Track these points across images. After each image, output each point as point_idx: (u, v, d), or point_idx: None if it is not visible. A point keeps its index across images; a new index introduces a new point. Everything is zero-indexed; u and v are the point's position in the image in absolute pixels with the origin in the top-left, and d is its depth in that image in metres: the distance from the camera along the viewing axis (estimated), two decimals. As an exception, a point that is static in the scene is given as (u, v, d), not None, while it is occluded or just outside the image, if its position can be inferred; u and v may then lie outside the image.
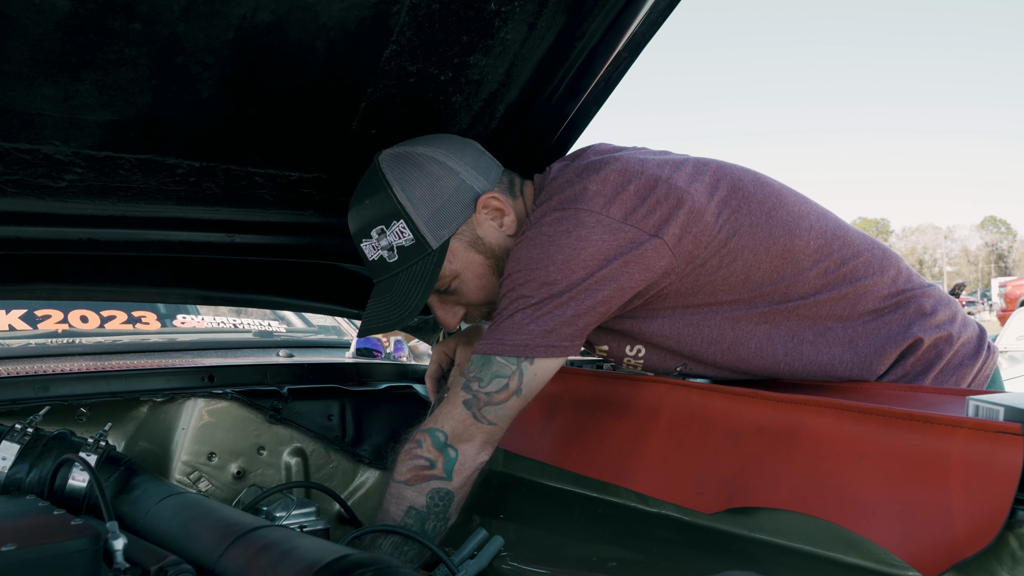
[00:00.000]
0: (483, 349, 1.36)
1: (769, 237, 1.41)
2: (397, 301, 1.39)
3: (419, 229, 1.38)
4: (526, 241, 1.36)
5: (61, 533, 0.88)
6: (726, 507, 1.30)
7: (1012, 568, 1.00)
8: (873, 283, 1.46)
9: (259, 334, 2.67)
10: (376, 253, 1.41)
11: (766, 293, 1.43)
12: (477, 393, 1.35)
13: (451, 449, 1.36)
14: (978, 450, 1.02)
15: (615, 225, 1.34)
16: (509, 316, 1.34)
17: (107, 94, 1.32)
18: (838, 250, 1.46)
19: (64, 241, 1.53)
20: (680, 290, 1.41)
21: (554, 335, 1.33)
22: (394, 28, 1.38)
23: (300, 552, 0.87)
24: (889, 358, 1.45)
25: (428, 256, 1.39)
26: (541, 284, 1.32)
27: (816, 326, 1.46)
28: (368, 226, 1.40)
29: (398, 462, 1.38)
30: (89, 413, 1.62)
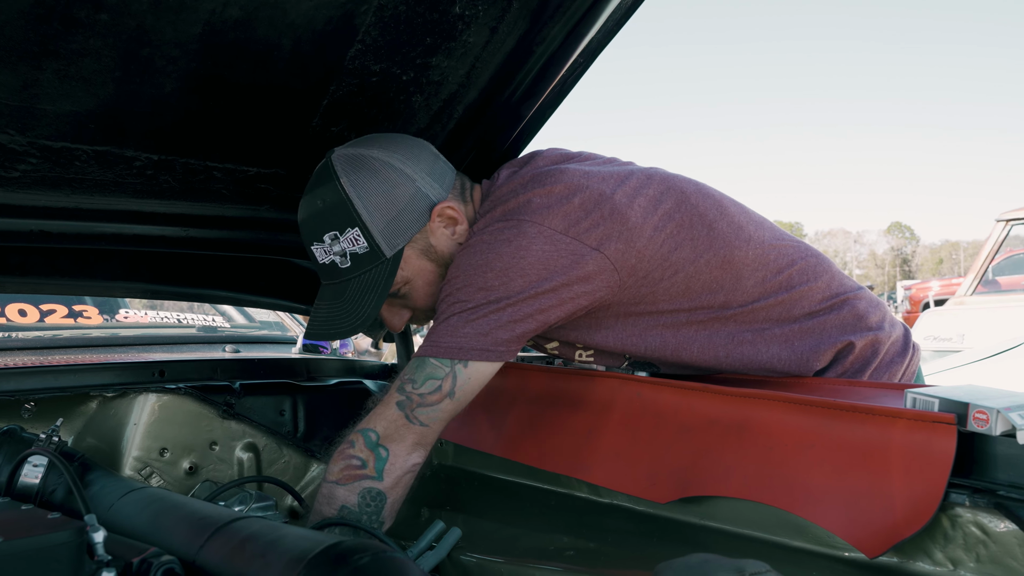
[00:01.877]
0: (419, 352, 1.38)
1: (710, 249, 1.46)
2: (349, 309, 1.39)
3: (374, 238, 1.38)
4: (468, 249, 1.38)
5: (42, 527, 0.88)
6: (679, 497, 1.36)
7: (944, 547, 1.08)
8: (808, 289, 1.54)
9: (203, 329, 2.62)
10: (328, 257, 1.40)
11: (706, 302, 1.49)
12: (411, 394, 1.36)
13: (382, 449, 1.36)
14: (916, 439, 1.10)
15: (556, 237, 1.36)
16: (445, 320, 1.36)
17: (68, 84, 1.30)
18: (774, 260, 1.53)
19: (14, 232, 1.50)
20: (622, 300, 1.45)
21: (488, 338, 1.35)
22: (360, 28, 1.40)
23: (289, 541, 0.88)
24: (825, 357, 1.53)
25: (381, 264, 1.39)
26: (478, 289, 1.34)
27: (754, 327, 1.53)
28: (320, 230, 1.39)
29: (331, 462, 1.39)
30: (35, 408, 1.59)
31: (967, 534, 1.06)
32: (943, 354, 5.76)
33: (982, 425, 1.06)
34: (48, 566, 0.84)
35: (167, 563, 0.90)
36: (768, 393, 1.33)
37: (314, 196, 1.40)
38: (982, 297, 6.59)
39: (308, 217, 1.41)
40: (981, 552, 1.05)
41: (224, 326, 2.76)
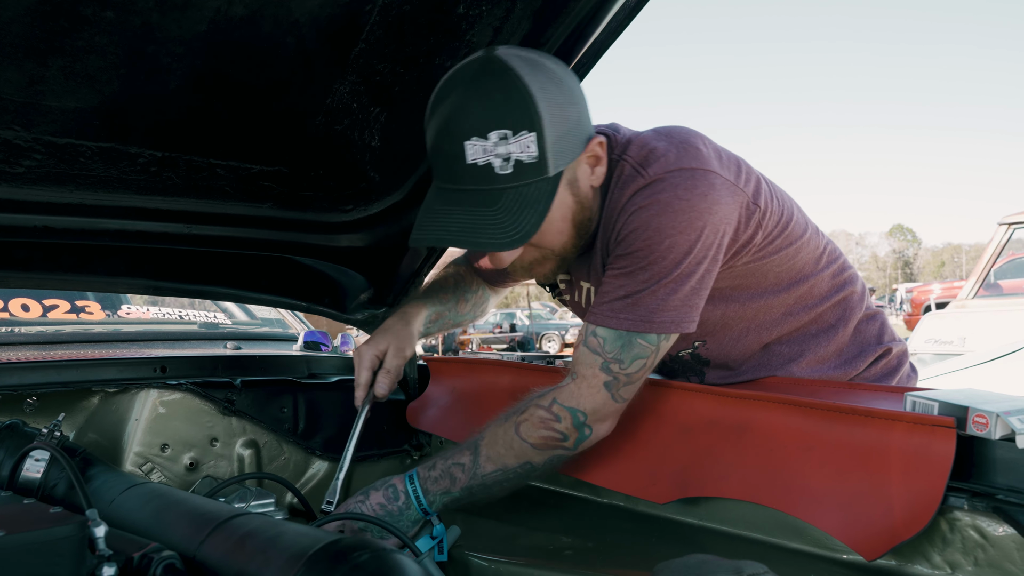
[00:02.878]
0: (624, 326, 1.29)
1: (806, 231, 1.45)
2: (503, 220, 1.21)
3: (546, 149, 1.21)
4: (659, 204, 1.26)
5: (44, 521, 0.88)
6: (678, 497, 1.37)
7: (943, 550, 1.09)
8: (854, 290, 1.57)
9: (205, 326, 2.63)
10: (485, 158, 1.20)
11: (794, 291, 1.47)
12: (618, 375, 1.32)
13: (587, 428, 1.36)
14: (915, 442, 1.11)
15: (734, 188, 1.31)
16: (651, 290, 1.28)
17: (73, 81, 1.30)
18: (834, 254, 1.54)
19: (18, 228, 1.50)
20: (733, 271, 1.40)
21: (690, 307, 1.31)
22: (364, 27, 1.40)
23: (289, 537, 0.89)
24: (868, 362, 1.55)
25: (543, 181, 1.23)
26: (683, 254, 1.26)
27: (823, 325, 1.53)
28: (487, 125, 1.19)
29: (528, 423, 1.36)
30: (37, 403, 1.59)
31: (965, 538, 1.07)
32: (944, 357, 5.76)
33: (981, 429, 1.07)
34: (50, 560, 0.84)
35: (167, 558, 0.90)
36: (768, 395, 1.34)
37: (481, 87, 1.22)
38: (984, 300, 6.58)
39: (473, 108, 1.21)
40: (979, 556, 1.06)
41: (226, 323, 2.77)
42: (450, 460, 1.42)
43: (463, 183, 1.23)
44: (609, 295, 1.33)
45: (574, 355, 1.39)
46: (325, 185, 1.72)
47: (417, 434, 2.02)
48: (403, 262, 1.95)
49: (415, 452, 2.01)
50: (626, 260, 1.31)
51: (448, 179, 1.25)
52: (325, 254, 1.90)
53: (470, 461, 1.40)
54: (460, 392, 1.93)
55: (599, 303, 1.35)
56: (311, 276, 1.97)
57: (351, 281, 1.99)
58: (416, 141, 1.69)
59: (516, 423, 1.38)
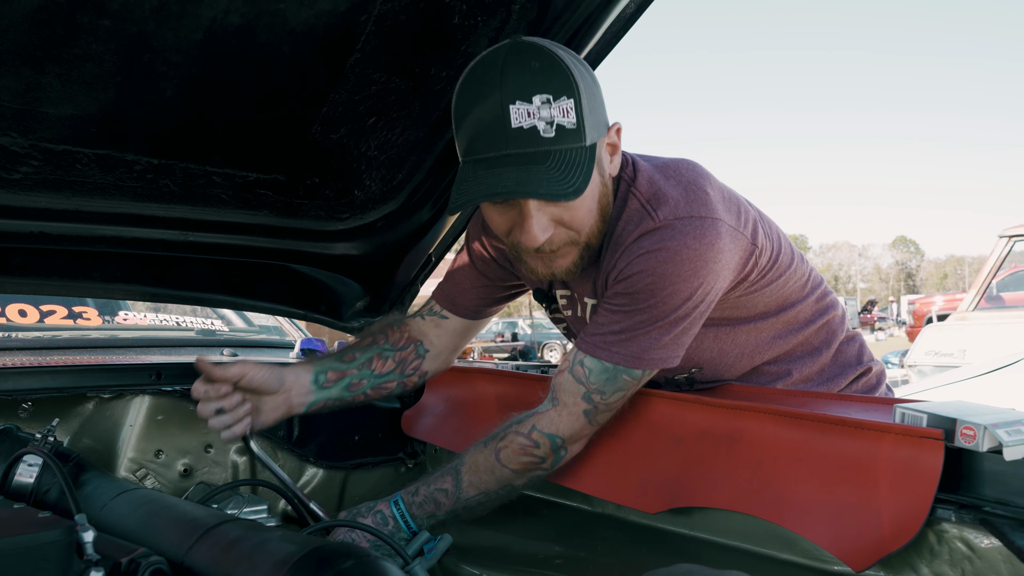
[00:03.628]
0: (614, 360, 1.34)
1: (793, 259, 1.47)
2: (555, 175, 1.21)
3: (583, 117, 1.23)
4: (664, 252, 1.28)
5: (32, 525, 0.89)
6: (669, 507, 1.37)
7: (930, 561, 1.09)
8: (836, 314, 1.58)
9: (202, 332, 2.64)
10: (531, 121, 1.20)
11: (781, 318, 1.49)
12: (598, 404, 1.37)
13: (564, 451, 1.42)
14: (903, 454, 1.11)
15: (736, 233, 1.34)
16: (646, 331, 1.32)
17: (70, 88, 1.31)
18: (817, 280, 1.56)
19: (15, 234, 1.51)
20: (726, 303, 1.42)
21: (678, 346, 1.35)
22: (360, 36, 1.41)
23: (275, 543, 0.89)
24: (847, 379, 1.57)
25: (582, 149, 1.23)
26: (683, 300, 1.30)
27: (810, 348, 1.55)
28: (531, 89, 1.21)
29: (508, 450, 1.41)
30: (32, 408, 1.60)
31: (953, 549, 1.07)
32: (943, 369, 5.75)
33: (969, 441, 1.07)
34: (37, 564, 0.84)
35: (155, 563, 0.91)
36: (759, 406, 1.34)
37: (519, 60, 1.23)
38: (984, 313, 6.58)
39: (514, 76, 1.22)
40: (966, 568, 1.06)
41: (223, 329, 2.77)
42: (432, 486, 1.47)
43: (508, 148, 1.22)
44: (603, 327, 1.35)
45: (557, 380, 1.42)
46: (321, 193, 1.73)
47: (412, 442, 2.02)
48: (399, 270, 1.96)
49: (409, 460, 2.02)
50: (626, 299, 1.32)
51: (490, 147, 1.23)
52: (321, 262, 1.91)
53: (452, 486, 1.45)
54: (455, 401, 1.94)
55: (592, 332, 1.37)
56: (307, 284, 1.98)
57: (347, 289, 2.00)
58: (412, 151, 1.70)
59: (496, 449, 1.43)
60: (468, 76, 1.27)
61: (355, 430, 1.95)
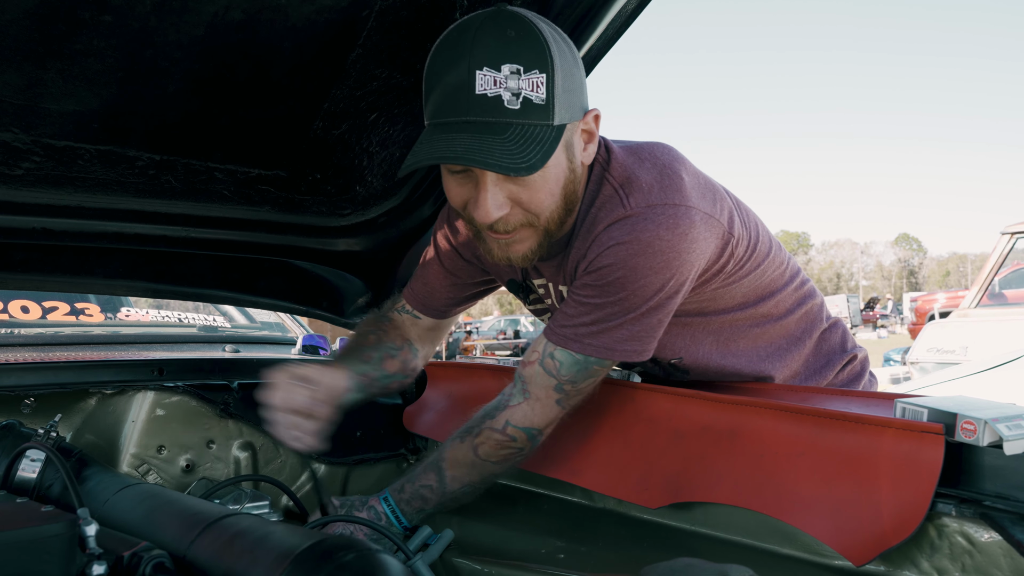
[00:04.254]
0: (586, 351, 1.34)
1: (764, 248, 1.46)
2: (512, 149, 1.16)
3: (554, 95, 1.18)
4: (636, 243, 1.26)
5: (35, 519, 0.89)
6: (670, 502, 1.37)
7: (931, 556, 1.09)
8: (816, 302, 1.58)
9: (204, 329, 2.64)
10: (496, 90, 1.16)
11: (759, 309, 1.49)
12: (570, 392, 1.39)
13: (540, 437, 1.44)
14: (904, 448, 1.11)
15: (711, 220, 1.31)
16: (618, 324, 1.31)
17: (72, 84, 1.31)
18: (795, 269, 1.56)
19: (17, 230, 1.51)
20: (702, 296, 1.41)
21: (651, 337, 1.34)
22: (361, 32, 1.41)
23: (277, 537, 0.89)
24: (834, 370, 1.57)
25: (547, 127, 1.19)
26: (655, 291, 1.28)
27: (790, 337, 1.55)
28: (501, 57, 1.16)
29: (486, 447, 1.43)
30: (35, 404, 1.60)
31: (953, 544, 1.07)
32: (945, 366, 5.75)
33: (970, 436, 1.07)
34: (39, 557, 0.85)
35: (157, 557, 0.91)
36: (760, 401, 1.34)
37: (496, 26, 1.18)
38: (986, 310, 6.58)
39: (487, 42, 1.17)
40: (967, 562, 1.06)
41: (225, 326, 2.78)
42: (417, 483, 1.48)
43: (469, 114, 1.18)
44: (573, 319, 1.33)
45: (526, 372, 1.41)
46: (323, 189, 1.73)
47: (414, 438, 2.03)
48: (401, 266, 1.96)
49: (411, 456, 2.02)
50: (596, 291, 1.30)
51: (452, 112, 1.19)
52: (323, 258, 1.91)
53: (436, 482, 1.47)
54: (456, 396, 1.94)
55: (561, 323, 1.36)
56: (309, 280, 1.98)
57: (349, 285, 2.00)
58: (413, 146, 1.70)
59: (474, 446, 1.44)
60: (443, 38, 1.23)
61: (357, 426, 1.95)
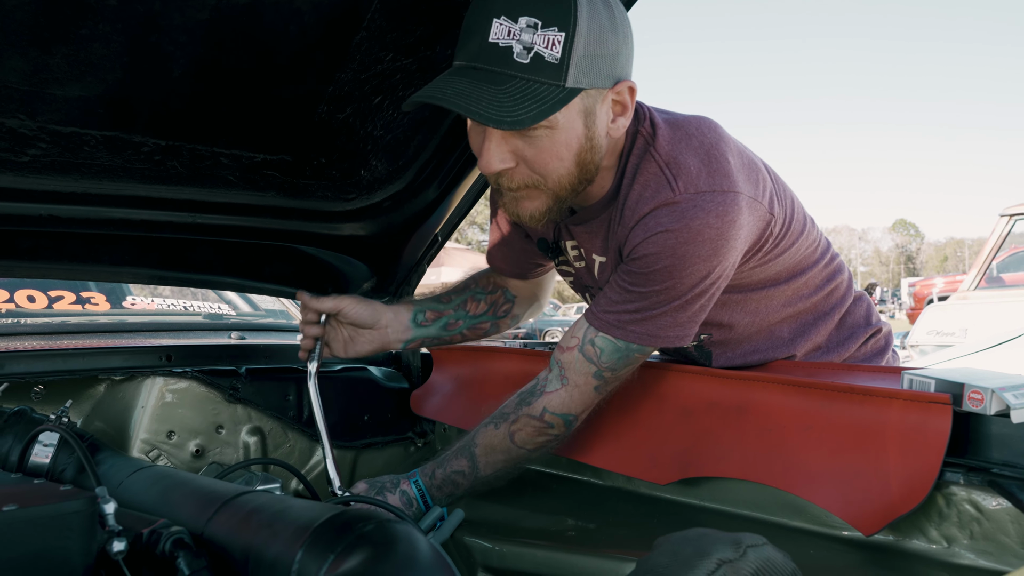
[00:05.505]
0: (628, 338, 1.33)
1: (799, 225, 1.46)
2: (503, 101, 1.14)
3: (569, 57, 1.14)
4: (685, 231, 1.24)
5: (55, 497, 0.90)
6: (679, 478, 1.38)
7: (939, 524, 1.11)
8: (844, 278, 1.59)
9: (209, 316, 2.64)
10: (508, 41, 1.13)
11: (793, 284, 1.49)
12: (609, 379, 1.39)
13: (575, 423, 1.44)
14: (912, 419, 1.12)
15: (755, 203, 1.31)
16: (662, 311, 1.30)
17: (78, 69, 1.32)
18: (824, 244, 1.56)
19: (24, 217, 1.52)
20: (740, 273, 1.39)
21: (694, 324, 1.34)
22: (365, 15, 1.42)
23: (295, 511, 0.90)
24: (857, 343, 1.58)
25: (556, 88, 1.15)
26: (701, 279, 1.27)
27: (818, 312, 1.55)
28: (522, 9, 1.13)
29: (523, 433, 1.44)
30: (44, 391, 1.61)
31: (961, 512, 1.08)
32: (945, 348, 5.77)
33: (977, 405, 1.08)
34: (61, 534, 0.85)
35: (176, 533, 0.92)
36: (767, 375, 1.35)
37: None
38: (985, 292, 6.59)
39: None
40: (975, 529, 1.07)
41: (230, 313, 2.78)
42: (448, 468, 1.49)
43: (477, 61, 1.16)
44: (617, 305, 1.33)
45: (564, 358, 1.40)
46: (328, 174, 1.73)
47: (421, 421, 2.04)
48: (405, 251, 1.96)
49: (419, 440, 2.03)
50: (642, 278, 1.29)
51: (464, 56, 1.18)
52: (328, 243, 1.92)
53: (469, 468, 1.48)
54: (463, 379, 1.95)
55: (604, 309, 1.35)
56: (314, 265, 1.99)
57: (354, 270, 2.01)
58: (418, 130, 1.71)
59: (510, 433, 1.45)
60: None
61: (364, 410, 1.96)
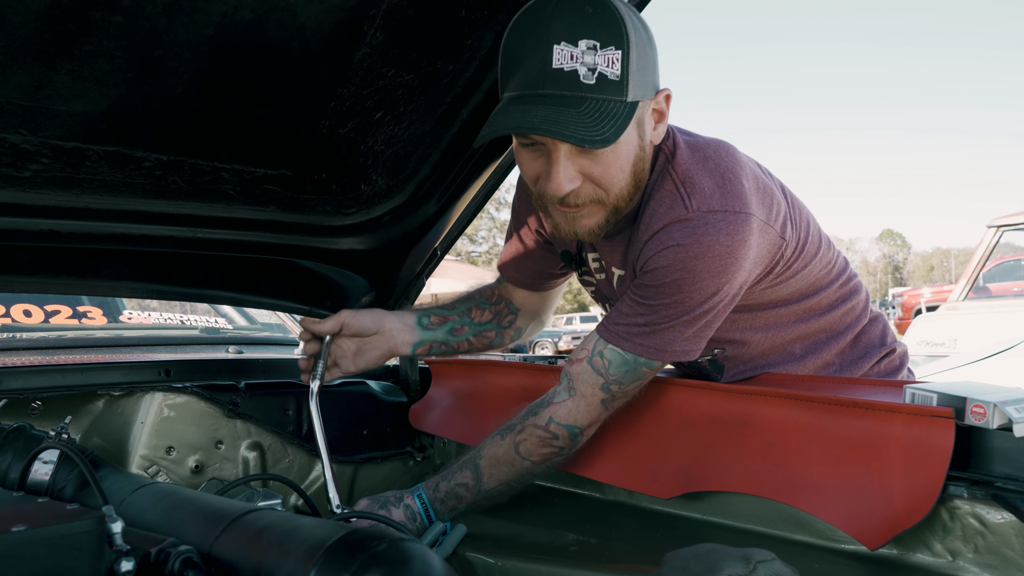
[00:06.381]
0: (637, 351, 1.35)
1: (821, 245, 1.48)
2: (587, 122, 1.18)
3: (628, 73, 1.19)
4: (696, 247, 1.27)
5: (63, 517, 0.90)
6: (682, 492, 1.39)
7: (943, 538, 1.11)
8: (860, 298, 1.59)
9: (206, 330, 2.63)
10: (572, 64, 1.17)
11: (805, 304, 1.50)
12: (616, 393, 1.39)
13: (581, 437, 1.44)
14: (915, 433, 1.13)
15: (767, 227, 1.33)
16: (671, 325, 1.32)
17: (81, 85, 1.31)
18: (841, 264, 1.57)
19: (24, 232, 1.51)
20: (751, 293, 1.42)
21: (700, 339, 1.35)
22: (368, 31, 1.42)
23: (306, 530, 0.90)
24: (870, 362, 1.58)
25: (621, 103, 1.20)
26: (709, 295, 1.29)
27: (831, 332, 1.56)
28: (579, 33, 1.17)
29: (528, 444, 1.44)
30: (42, 407, 1.60)
31: (965, 525, 1.09)
32: (935, 359, 5.80)
33: (979, 419, 1.09)
34: (70, 554, 0.85)
35: (185, 552, 0.91)
36: (769, 390, 1.36)
37: (576, 2, 1.20)
38: (974, 303, 6.64)
39: (565, 17, 1.18)
40: (979, 543, 1.08)
41: (226, 327, 2.77)
42: (452, 481, 1.50)
43: (544, 87, 1.19)
44: (628, 317, 1.35)
45: (573, 370, 1.42)
46: (328, 188, 1.73)
47: (420, 435, 2.04)
48: (404, 265, 1.97)
49: (418, 454, 2.03)
50: (652, 291, 1.31)
51: (527, 86, 1.21)
52: (327, 257, 1.92)
53: (473, 481, 1.48)
54: (462, 393, 1.95)
55: (614, 321, 1.37)
56: (313, 279, 1.99)
57: (353, 284, 2.01)
58: (418, 145, 1.71)
59: (515, 443, 1.45)
60: (522, 12, 1.24)
61: (364, 424, 1.96)
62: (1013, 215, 6.69)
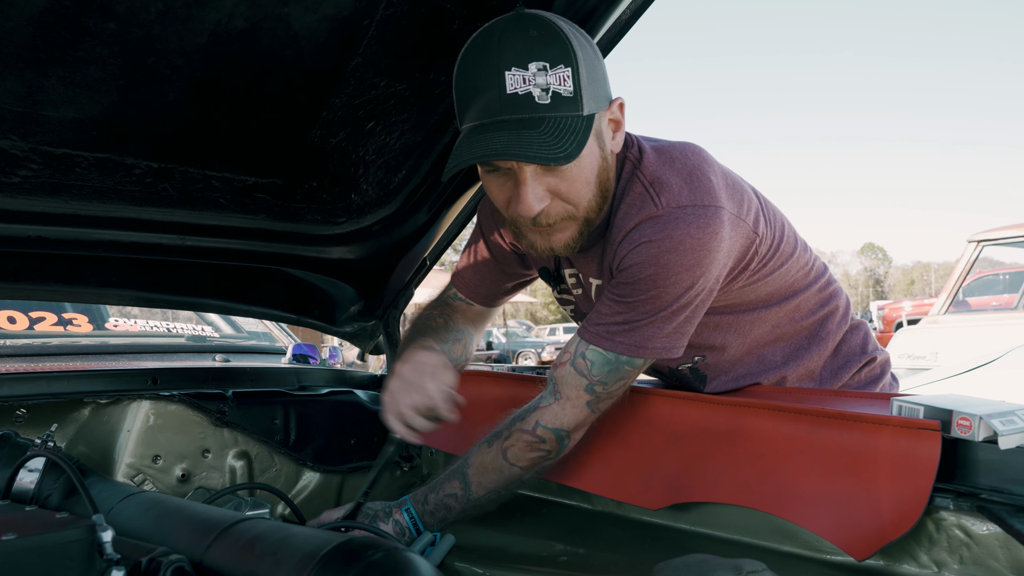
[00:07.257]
0: (617, 349, 1.36)
1: (789, 247, 1.48)
2: (548, 140, 1.20)
3: (580, 86, 1.22)
4: (667, 241, 1.29)
5: (53, 526, 0.89)
6: (671, 503, 1.39)
7: (929, 549, 1.12)
8: (839, 303, 1.61)
9: (192, 338, 2.62)
10: (526, 87, 1.20)
11: (784, 307, 1.51)
12: (601, 394, 1.39)
13: (568, 440, 1.44)
14: (902, 445, 1.14)
15: (738, 221, 1.35)
16: (649, 321, 1.33)
17: (73, 91, 1.31)
18: (820, 269, 1.58)
19: (11, 238, 1.50)
20: (728, 294, 1.43)
21: (681, 335, 1.36)
22: (362, 41, 1.43)
23: (299, 539, 0.90)
24: (850, 372, 1.60)
25: (578, 118, 1.22)
26: (685, 289, 1.30)
27: (809, 335, 1.57)
28: (528, 57, 1.20)
29: (515, 449, 1.44)
30: (27, 415, 1.58)
31: (951, 537, 1.10)
32: (917, 372, 5.86)
33: (965, 431, 1.10)
34: (60, 563, 0.85)
35: (176, 561, 0.91)
36: (758, 401, 1.37)
37: (518, 28, 1.23)
38: (954, 316, 6.71)
39: (512, 43, 1.21)
40: (964, 554, 1.09)
41: (213, 336, 2.76)
42: (441, 492, 1.50)
43: (502, 113, 1.22)
44: (606, 317, 1.37)
45: (557, 373, 1.43)
46: (318, 197, 1.74)
47: (407, 445, 2.02)
48: (393, 274, 1.97)
49: (405, 464, 2.02)
50: (627, 289, 1.33)
51: (485, 113, 1.23)
52: (316, 266, 1.91)
53: (461, 490, 1.48)
54: (450, 403, 1.94)
55: (594, 322, 1.38)
56: (302, 288, 1.98)
57: (341, 293, 2.00)
58: (409, 155, 1.72)
59: (503, 449, 1.45)
60: (469, 45, 1.26)
61: (351, 434, 1.95)
62: (993, 230, 6.79)
